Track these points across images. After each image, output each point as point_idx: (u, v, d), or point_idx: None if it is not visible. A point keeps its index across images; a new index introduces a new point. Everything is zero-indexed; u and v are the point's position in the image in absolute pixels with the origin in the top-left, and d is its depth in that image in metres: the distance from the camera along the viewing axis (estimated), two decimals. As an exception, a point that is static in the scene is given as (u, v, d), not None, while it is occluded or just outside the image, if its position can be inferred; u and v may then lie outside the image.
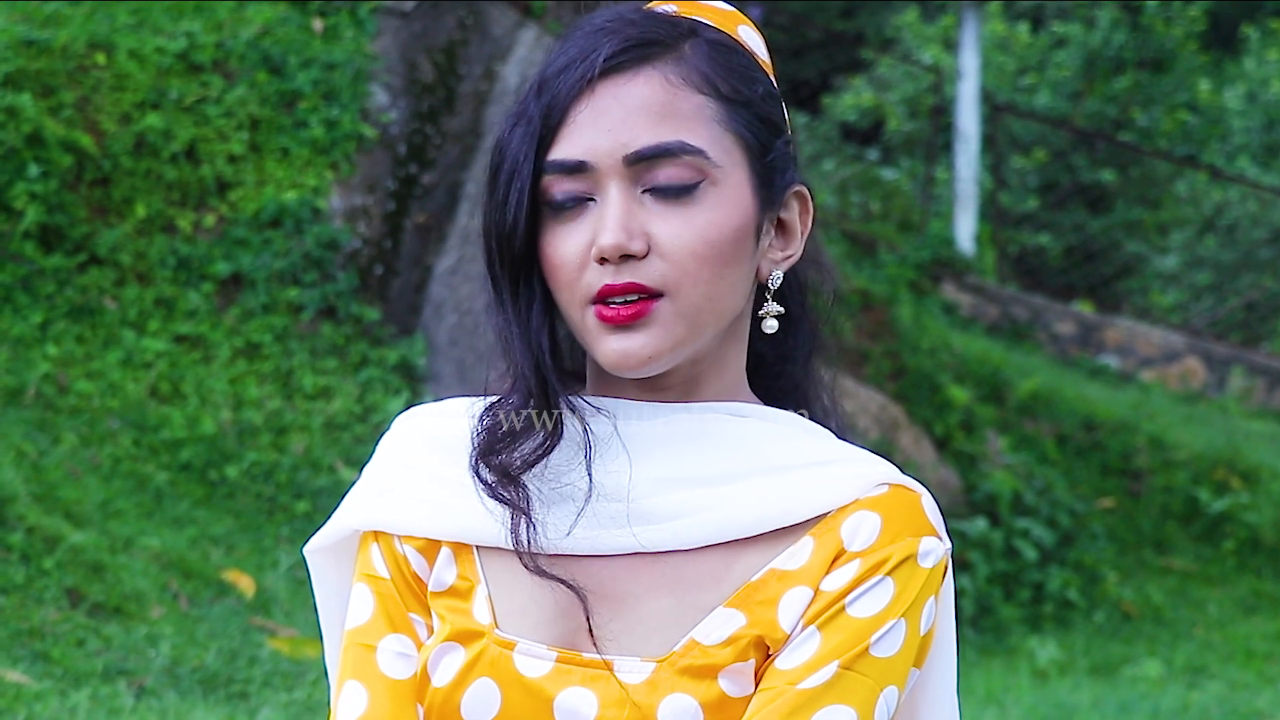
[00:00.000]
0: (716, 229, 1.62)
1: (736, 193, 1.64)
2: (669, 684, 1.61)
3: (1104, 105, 18.30)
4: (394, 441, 1.75)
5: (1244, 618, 9.80)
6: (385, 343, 8.23)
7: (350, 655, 1.70)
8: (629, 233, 1.60)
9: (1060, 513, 9.39)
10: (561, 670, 1.63)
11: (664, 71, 1.64)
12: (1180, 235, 17.94)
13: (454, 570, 1.68)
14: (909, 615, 1.61)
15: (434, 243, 8.53)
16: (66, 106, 8.08)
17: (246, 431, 7.69)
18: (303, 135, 8.41)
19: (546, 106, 1.64)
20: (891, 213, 15.68)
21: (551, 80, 1.65)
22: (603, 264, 1.61)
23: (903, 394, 9.91)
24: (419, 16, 8.95)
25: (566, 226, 1.63)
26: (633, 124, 1.62)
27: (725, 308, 1.65)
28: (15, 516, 6.03)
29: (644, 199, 1.62)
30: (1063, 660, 8.43)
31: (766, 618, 1.62)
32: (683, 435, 1.66)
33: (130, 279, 7.98)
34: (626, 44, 1.64)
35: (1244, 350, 14.70)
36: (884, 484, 1.65)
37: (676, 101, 1.63)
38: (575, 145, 1.62)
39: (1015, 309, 14.03)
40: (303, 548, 1.80)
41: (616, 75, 1.63)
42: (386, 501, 1.71)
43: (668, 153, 1.61)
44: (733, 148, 1.65)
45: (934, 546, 1.64)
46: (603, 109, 1.62)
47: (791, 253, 1.72)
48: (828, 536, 1.63)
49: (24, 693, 5.10)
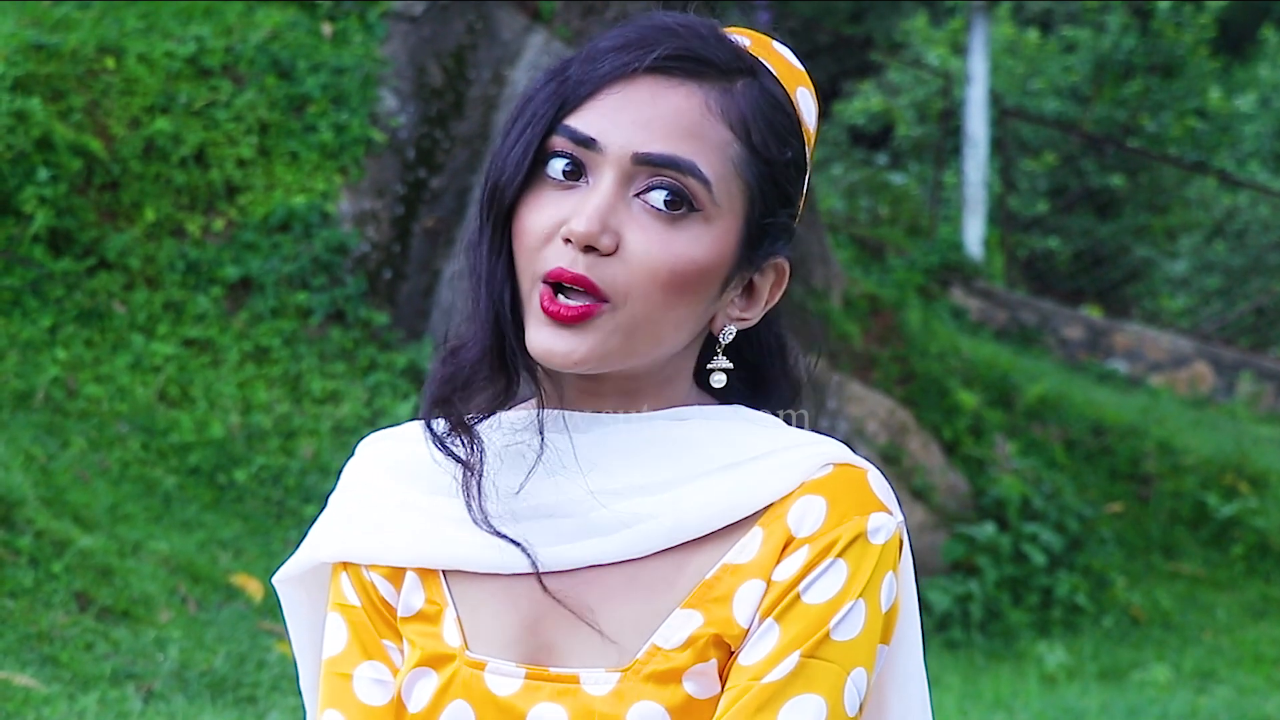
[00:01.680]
0: (686, 260, 1.60)
1: (722, 237, 1.62)
2: (635, 692, 1.60)
3: (1113, 110, 18.28)
4: (356, 469, 1.76)
5: (1253, 623, 9.78)
6: (394, 347, 8.23)
7: (328, 685, 1.71)
8: (603, 225, 1.58)
9: (1069, 517, 9.38)
10: (531, 686, 1.63)
11: (707, 95, 1.62)
12: (1190, 240, 17.93)
13: (421, 595, 1.68)
14: (867, 595, 1.60)
15: (442, 247, 8.53)
16: (76, 111, 8.09)
17: (255, 435, 7.69)
18: (312, 139, 8.42)
19: (583, 75, 1.63)
20: (900, 217, 15.69)
21: (601, 54, 1.63)
22: (567, 245, 1.59)
23: (911, 398, 9.90)
24: (428, 21, 8.96)
25: (550, 195, 1.62)
26: (656, 127, 1.60)
27: (663, 338, 1.63)
28: (24, 520, 6.04)
29: (632, 202, 1.60)
30: (1071, 665, 8.42)
31: (722, 615, 1.61)
32: (629, 445, 1.65)
33: (139, 283, 7.98)
34: (685, 53, 1.63)
35: (1253, 355, 14.68)
36: (828, 464, 1.63)
37: (706, 127, 1.61)
38: (596, 122, 1.61)
39: (1024, 313, 14.02)
40: (271, 577, 1.81)
41: (662, 77, 1.62)
42: (350, 531, 1.71)
43: (676, 167, 1.59)
44: (737, 195, 1.63)
45: (884, 522, 1.62)
46: (635, 100, 1.61)
47: (750, 317, 1.69)
48: (775, 525, 1.62)
49: (33, 696, 5.10)
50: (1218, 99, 19.05)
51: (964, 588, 8.82)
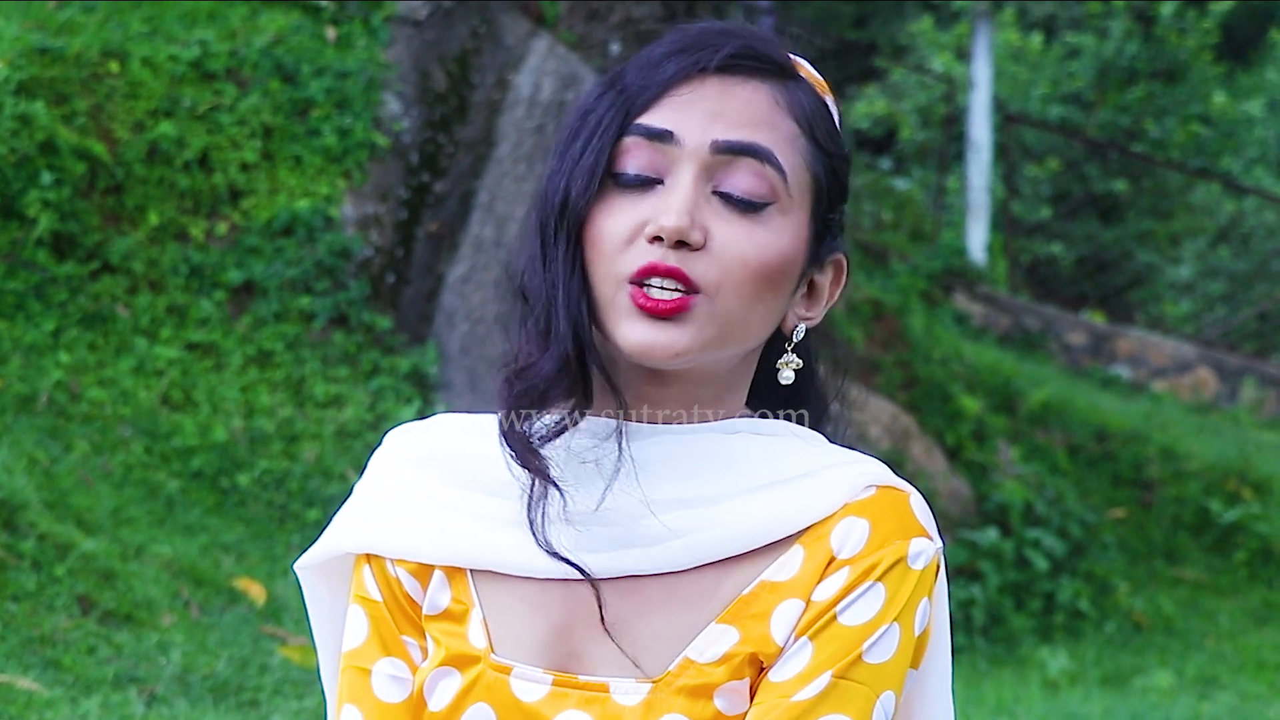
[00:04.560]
0: (773, 252, 1.61)
1: (797, 229, 1.64)
2: (664, 704, 1.60)
3: (1117, 115, 18.28)
4: (384, 460, 1.74)
5: (1255, 628, 9.78)
6: (397, 351, 8.23)
7: (347, 679, 1.70)
8: (693, 220, 1.58)
9: (1071, 523, 9.38)
10: (558, 694, 1.62)
11: (773, 91, 1.64)
12: (1193, 245, 17.92)
13: (448, 593, 1.67)
14: (902, 619, 1.60)
15: (446, 251, 8.53)
16: (80, 114, 8.10)
17: (258, 439, 7.69)
18: (315, 143, 8.43)
19: (646, 80, 1.62)
20: (903, 222, 15.69)
21: (661, 59, 1.63)
22: (653, 244, 1.58)
23: (914, 404, 9.90)
24: (432, 25, 8.96)
25: (626, 199, 1.61)
26: (731, 118, 1.61)
27: (752, 332, 1.63)
28: (27, 524, 6.04)
29: (712, 199, 1.60)
30: (1074, 671, 8.41)
31: (759, 632, 1.61)
32: (676, 457, 1.65)
33: (143, 287, 7.99)
34: (748, 51, 1.64)
35: (1256, 361, 14.68)
36: (871, 486, 1.63)
37: (776, 120, 1.63)
38: (667, 116, 1.61)
39: (1027, 319, 14.02)
40: (293, 564, 1.80)
41: (730, 75, 1.63)
42: (378, 523, 1.70)
43: (755, 153, 1.60)
44: (807, 187, 1.65)
45: (924, 548, 1.62)
46: (706, 95, 1.62)
47: (814, 316, 1.70)
48: (817, 545, 1.62)
49: (35, 700, 5.10)
50: (1221, 104, 19.04)
51: (966, 593, 8.82)
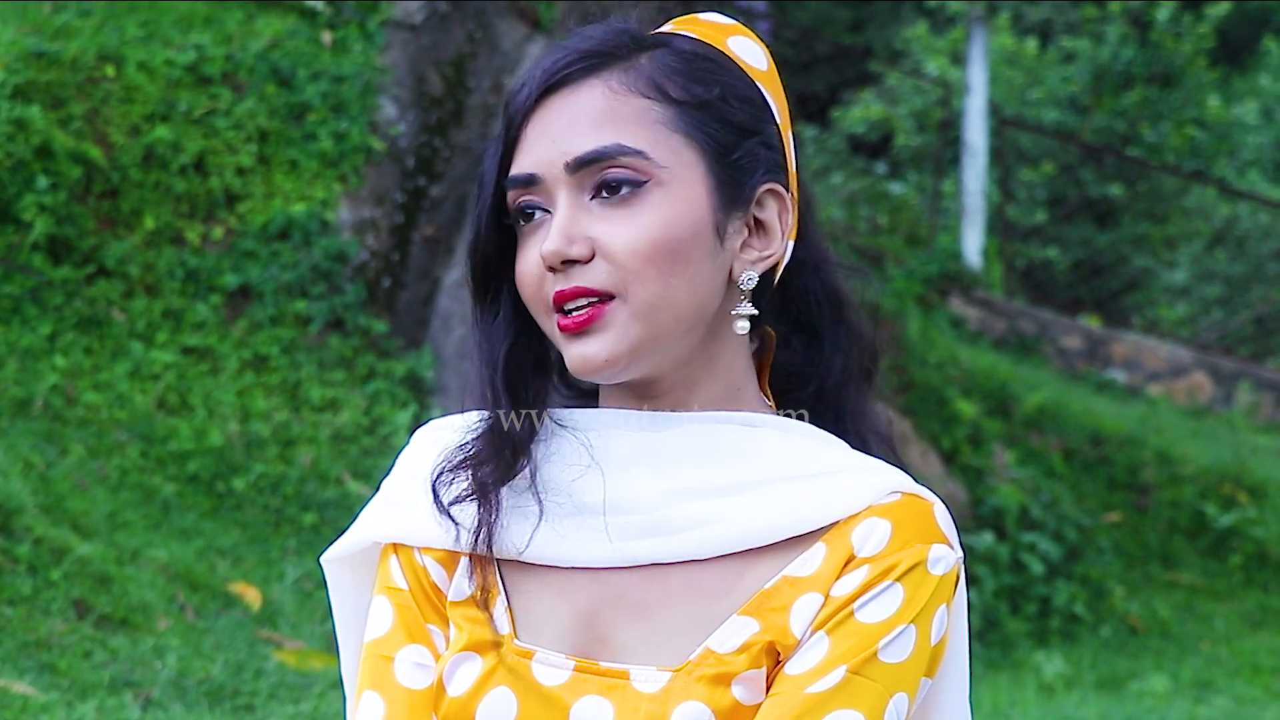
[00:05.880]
0: (661, 227, 1.63)
1: (688, 191, 1.65)
2: (684, 692, 1.62)
3: (1112, 120, 18.29)
4: (413, 455, 1.77)
5: (1251, 633, 9.78)
6: (393, 355, 8.24)
7: (368, 666, 1.72)
8: (569, 238, 1.63)
9: (1067, 527, 9.38)
10: (579, 679, 1.65)
11: (607, 81, 1.67)
12: (1188, 250, 17.93)
13: (473, 580, 1.70)
14: (919, 622, 1.62)
15: (442, 255, 8.54)
16: (76, 118, 8.10)
17: (254, 443, 7.70)
18: (311, 148, 8.43)
19: (505, 125, 1.69)
20: (899, 226, 15.69)
21: (511, 99, 1.70)
22: (553, 273, 1.64)
23: (910, 408, 9.91)
24: (428, 29, 8.97)
25: (528, 240, 1.67)
26: (572, 132, 1.65)
27: (683, 307, 1.65)
28: (22, 528, 6.04)
29: (591, 205, 1.64)
30: (1069, 674, 8.42)
31: (779, 624, 1.62)
32: (697, 447, 1.68)
33: (138, 291, 7.99)
34: (572, 57, 1.68)
35: (1252, 365, 14.68)
36: (896, 492, 1.65)
37: (617, 107, 1.65)
38: (526, 159, 1.66)
39: (1022, 323, 14.02)
40: (319, 556, 1.82)
41: (562, 88, 1.67)
42: (405, 514, 1.72)
43: (605, 156, 1.64)
44: (682, 148, 1.66)
45: (944, 554, 1.64)
46: (548, 122, 1.66)
47: (771, 252, 1.70)
48: (839, 542, 1.64)
49: (31, 704, 5.10)
50: (1216, 108, 19.05)
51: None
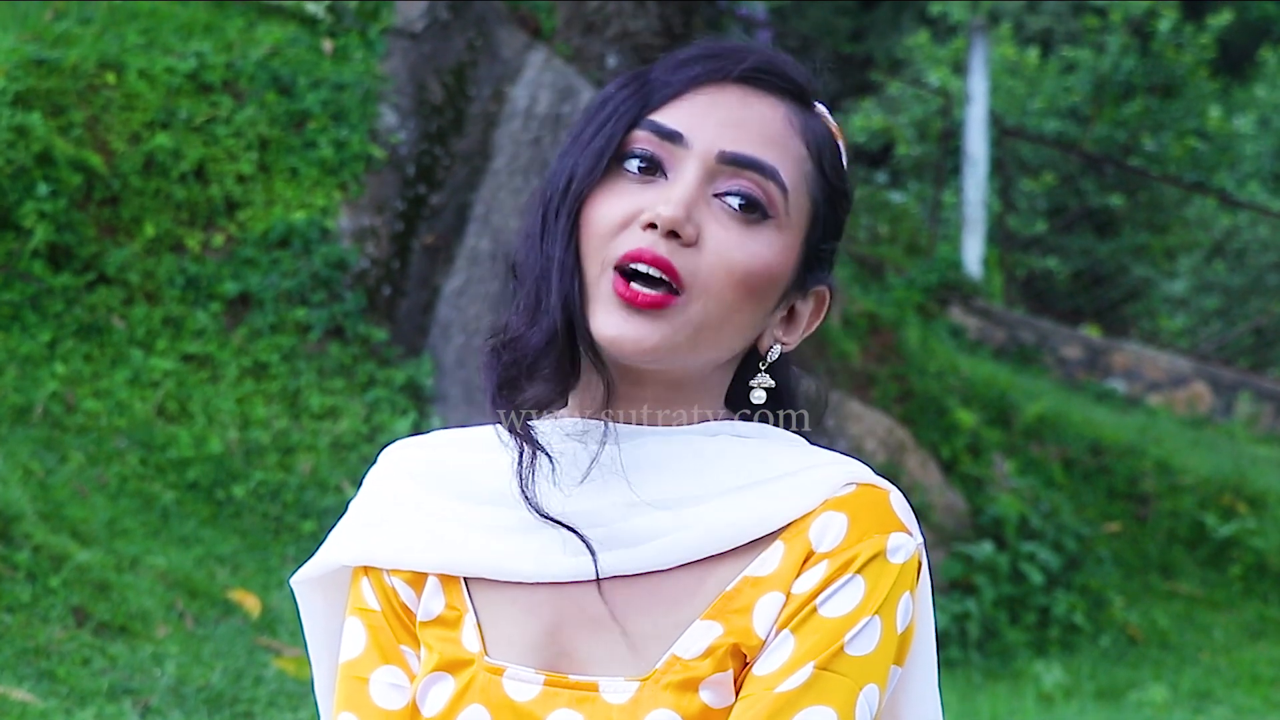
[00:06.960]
0: (761, 263, 1.62)
1: (788, 248, 1.65)
2: (652, 700, 1.62)
3: (1113, 130, 18.30)
4: (380, 475, 1.76)
5: (1250, 643, 9.78)
6: (392, 363, 8.24)
7: (344, 687, 1.72)
8: (689, 214, 1.60)
9: (1066, 537, 9.38)
10: (549, 693, 1.64)
11: (790, 112, 1.67)
12: (1188, 260, 17.94)
13: (442, 600, 1.70)
14: (883, 612, 1.61)
15: (442, 264, 8.54)
16: (76, 126, 8.10)
17: (253, 451, 7.69)
18: (311, 156, 8.43)
19: (669, 78, 1.65)
20: (899, 236, 15.70)
21: (687, 62, 1.66)
22: (646, 231, 1.60)
23: (909, 417, 9.90)
24: (428, 38, 8.97)
25: (628, 187, 1.63)
26: (743, 131, 1.63)
27: (725, 340, 1.65)
28: (22, 535, 6.04)
29: (711, 200, 1.62)
30: (1068, 684, 8.41)
31: (741, 625, 1.62)
32: (659, 459, 1.67)
33: (138, 298, 7.99)
34: (773, 67, 1.67)
35: (1251, 375, 14.68)
36: (851, 483, 1.65)
37: (787, 140, 1.65)
38: (680, 118, 1.63)
39: (1022, 332, 14.03)
40: (289, 578, 1.82)
41: (752, 87, 1.66)
42: (373, 535, 1.72)
43: (760, 169, 1.62)
44: (805, 210, 1.66)
45: (903, 542, 1.63)
46: (723, 104, 1.64)
47: (790, 341, 1.72)
48: (797, 540, 1.63)
49: (29, 711, 5.10)
50: (1217, 119, 19.07)
51: (961, 606, 8.82)
